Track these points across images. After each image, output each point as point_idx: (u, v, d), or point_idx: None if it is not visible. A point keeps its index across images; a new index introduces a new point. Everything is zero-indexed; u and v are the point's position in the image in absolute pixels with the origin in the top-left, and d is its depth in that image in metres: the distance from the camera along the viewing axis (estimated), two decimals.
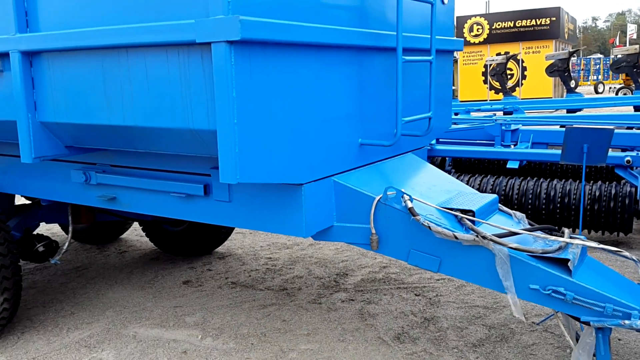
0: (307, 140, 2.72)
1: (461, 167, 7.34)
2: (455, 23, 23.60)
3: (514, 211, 3.24)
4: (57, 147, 3.10)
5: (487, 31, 22.61)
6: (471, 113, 10.66)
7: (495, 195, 3.23)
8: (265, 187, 2.86)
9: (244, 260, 5.51)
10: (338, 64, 2.86)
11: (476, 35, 22.70)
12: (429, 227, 2.77)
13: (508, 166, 6.09)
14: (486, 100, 18.52)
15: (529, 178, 5.78)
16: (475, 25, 22.61)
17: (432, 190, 3.28)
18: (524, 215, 3.23)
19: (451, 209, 2.94)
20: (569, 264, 2.64)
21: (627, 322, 2.55)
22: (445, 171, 7.06)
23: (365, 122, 3.18)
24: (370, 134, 3.21)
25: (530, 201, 5.57)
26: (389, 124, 3.22)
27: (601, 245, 2.79)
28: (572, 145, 3.39)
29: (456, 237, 2.75)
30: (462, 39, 4.27)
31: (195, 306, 4.42)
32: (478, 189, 5.82)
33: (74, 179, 3.51)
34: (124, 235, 6.67)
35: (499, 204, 3.27)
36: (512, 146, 6.70)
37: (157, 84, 2.55)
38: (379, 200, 2.91)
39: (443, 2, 3.96)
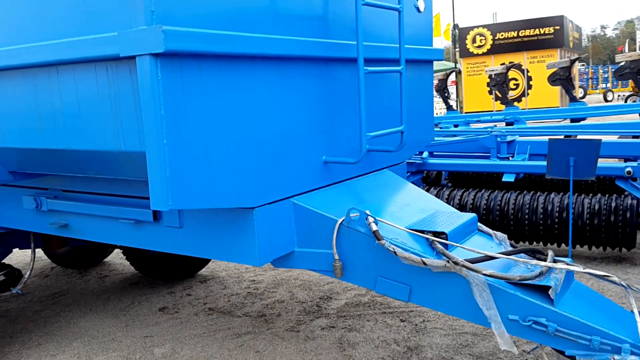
0: (259, 159, 2.48)
1: (459, 181, 7.07)
2: (457, 34, 23.46)
3: (494, 232, 2.97)
4: None
5: (490, 42, 22.35)
6: (471, 124, 10.38)
7: (474, 215, 2.97)
8: (218, 212, 2.63)
9: (225, 284, 5.26)
10: (293, 77, 2.62)
11: (479, 46, 22.44)
12: (395, 252, 2.51)
13: (503, 179, 5.82)
14: (491, 111, 18.23)
15: (525, 192, 5.50)
16: (478, 37, 22.36)
17: (404, 210, 3.03)
18: (505, 236, 2.96)
19: (422, 231, 2.69)
20: (550, 291, 2.37)
21: (616, 357, 2.27)
22: (441, 186, 6.80)
23: (331, 138, 2.94)
24: (337, 151, 2.97)
25: (527, 216, 5.29)
26: (358, 139, 2.98)
27: (587, 270, 2.51)
28: (557, 158, 3.12)
29: (425, 263, 2.49)
30: (441, 49, 4.04)
31: (167, 336, 4.17)
32: (472, 204, 5.55)
33: (26, 205, 3.30)
34: (107, 259, 6.46)
35: (479, 224, 3.01)
36: (510, 158, 6.43)
37: (87, 104, 2.33)
38: (341, 222, 2.66)
39: (419, 10, 3.74)
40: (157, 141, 2.04)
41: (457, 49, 22.95)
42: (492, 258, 2.57)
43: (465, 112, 21.71)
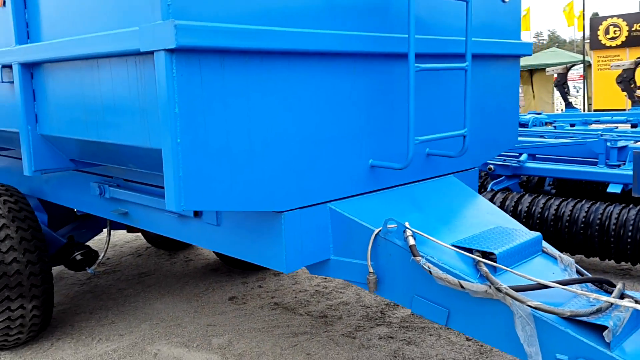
0: (289, 162, 2.36)
1: (566, 189, 6.46)
2: (588, 25, 21.56)
3: (562, 254, 2.62)
4: (60, 160, 3.03)
5: (625, 33, 20.28)
6: (590, 125, 9.48)
7: (538, 234, 2.63)
8: (250, 214, 2.55)
9: (297, 279, 5.22)
10: (332, 75, 2.46)
11: (613, 38, 20.45)
12: (430, 270, 2.28)
13: (608, 190, 5.21)
14: (624, 110, 16.57)
15: (631, 206, 4.89)
16: (611, 27, 20.37)
17: (459, 224, 2.76)
18: (572, 261, 2.60)
19: (469, 250, 2.43)
20: (606, 332, 2.02)
21: None
22: (540, 192, 6.26)
23: (381, 141, 2.75)
24: (389, 155, 2.77)
25: (630, 234, 4.69)
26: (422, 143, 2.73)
27: None
28: None
29: (462, 287, 2.24)
30: (530, 43, 3.64)
31: (228, 326, 4.20)
32: (569, 216, 5.03)
33: (92, 191, 3.44)
34: None
35: (545, 245, 2.67)
36: (620, 166, 5.76)
37: (121, 98, 2.34)
38: (377, 233, 2.48)
39: (504, 1, 3.39)
40: (171, 140, 1.99)
41: (588, 41, 21.12)
42: (546, 287, 2.25)
43: (594, 110, 19.98)
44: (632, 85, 9.72)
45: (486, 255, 2.39)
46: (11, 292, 3.61)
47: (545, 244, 2.67)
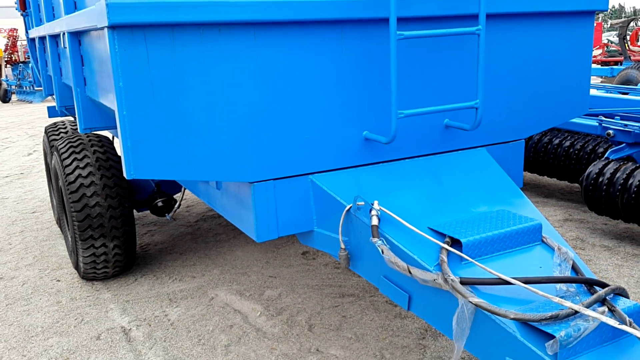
0: (257, 133, 2.37)
1: None
2: None
3: (562, 247, 2.30)
4: (106, 120, 3.35)
5: None
6: None
7: (537, 222, 2.33)
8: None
9: None
10: (306, 44, 2.38)
11: None
12: (382, 251, 2.17)
13: None
14: None
15: None
16: None
17: (456, 204, 2.55)
18: (572, 255, 2.27)
19: (442, 234, 2.25)
20: (549, 343, 1.78)
21: None
22: None
23: (377, 111, 2.61)
24: (387, 126, 2.63)
25: None
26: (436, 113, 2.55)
27: (625, 328, 1.79)
28: None
29: (410, 273, 2.10)
30: None
31: (286, 280, 4.38)
32: None
33: None
34: None
35: (545, 236, 2.35)
36: None
37: (101, 68, 2.53)
38: (348, 209, 2.40)
39: None
40: (119, 112, 2.12)
41: None
42: (507, 283, 2.02)
43: None
44: (625, 43, 9.14)
45: (455, 241, 2.20)
46: (94, 231, 4.15)
47: (547, 233, 2.36)
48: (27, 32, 6.33)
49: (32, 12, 5.48)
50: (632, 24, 15.80)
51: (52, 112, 5.89)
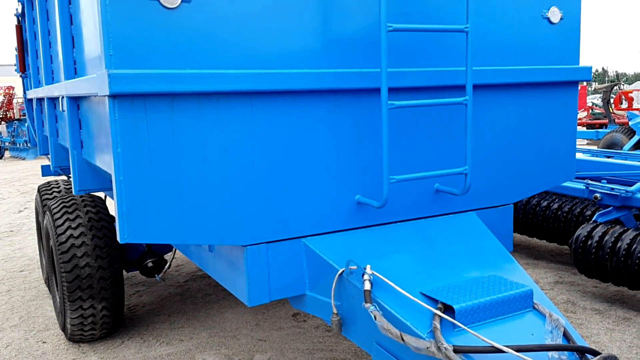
0: (251, 197, 2.41)
1: None
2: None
3: (553, 314, 2.32)
4: (101, 182, 3.38)
5: None
6: None
7: (528, 289, 2.36)
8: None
9: None
10: (301, 112, 2.46)
11: None
12: (375, 317, 2.17)
13: None
14: None
15: None
16: None
17: (448, 269, 2.57)
18: (563, 322, 2.28)
19: (435, 300, 2.27)
20: None
21: None
22: None
23: (370, 176, 2.66)
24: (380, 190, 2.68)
25: None
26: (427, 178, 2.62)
27: None
28: None
29: (403, 340, 2.10)
30: (588, 67, 3.24)
31: (276, 343, 4.32)
32: None
33: None
34: None
35: (537, 303, 2.37)
36: None
37: (99, 132, 2.59)
38: (341, 273, 2.41)
39: (551, 22, 3.08)
40: (115, 177, 2.16)
41: None
42: (500, 351, 2.03)
43: None
44: (609, 107, 9.49)
45: (447, 307, 2.21)
46: (83, 292, 4.11)
47: (538, 299, 2.38)
48: (25, 92, 6.45)
49: (31, 74, 5.61)
50: (615, 88, 16.34)
51: (45, 171, 5.92)
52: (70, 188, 5.44)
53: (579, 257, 4.87)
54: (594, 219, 5.24)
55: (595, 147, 11.62)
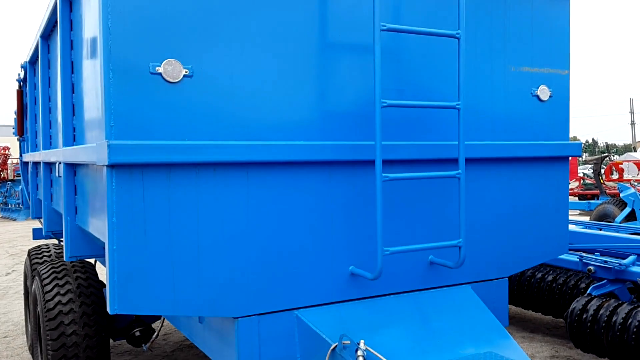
0: (244, 269, 2.39)
1: None
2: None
3: None
4: (94, 248, 3.36)
5: None
6: None
7: None
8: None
9: None
10: (296, 183, 2.49)
11: None
12: None
13: None
14: None
15: None
16: None
17: (443, 345, 2.53)
18: None
19: None
20: None
21: None
22: None
23: (363, 247, 2.66)
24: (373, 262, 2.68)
25: None
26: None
27: None
28: None
29: None
30: (578, 143, 3.32)
31: None
32: None
33: None
34: None
35: None
36: None
37: (94, 200, 2.60)
38: (334, 348, 2.37)
39: (540, 100, 3.17)
40: (109, 246, 2.15)
41: None
42: None
43: None
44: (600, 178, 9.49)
45: None
46: None
47: None
48: (21, 155, 6.50)
49: (28, 138, 5.67)
50: (605, 159, 16.64)
51: (37, 234, 5.88)
52: (61, 252, 5.38)
53: (574, 330, 4.80)
54: (588, 291, 5.20)
55: (587, 218, 11.69)
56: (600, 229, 6.64)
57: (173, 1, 2.22)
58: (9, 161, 24.47)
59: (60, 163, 3.37)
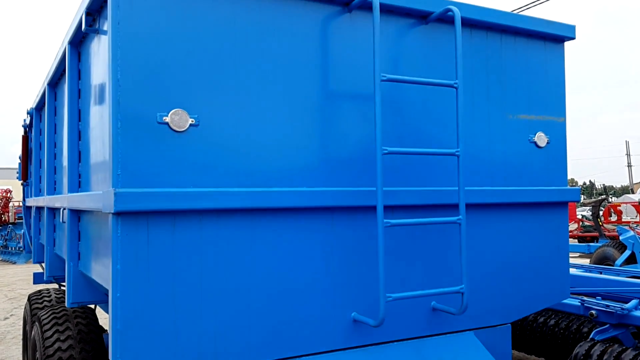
0: (249, 314, 2.40)
1: None
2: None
3: None
4: (96, 294, 3.36)
5: None
6: None
7: None
8: None
9: None
10: (302, 229, 2.52)
11: None
12: None
13: None
14: None
15: None
16: None
17: None
18: None
19: None
20: None
21: None
22: None
23: (366, 293, 2.67)
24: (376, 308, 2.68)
25: None
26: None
27: None
28: None
29: None
30: (577, 189, 3.36)
31: None
32: None
33: None
34: None
35: None
36: None
37: (98, 245, 2.62)
38: None
39: (538, 146, 3.23)
40: (112, 293, 2.17)
41: None
42: None
43: None
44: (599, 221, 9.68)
45: None
46: None
47: None
48: (24, 199, 6.53)
49: (32, 182, 5.72)
50: (603, 202, 16.66)
51: (38, 278, 5.86)
52: (62, 297, 5.36)
53: None
54: (591, 336, 5.15)
55: (587, 261, 11.64)
56: (601, 273, 6.62)
57: (180, 54, 2.30)
58: (10, 204, 24.48)
59: (64, 209, 3.40)
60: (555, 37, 3.30)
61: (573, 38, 3.34)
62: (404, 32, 2.83)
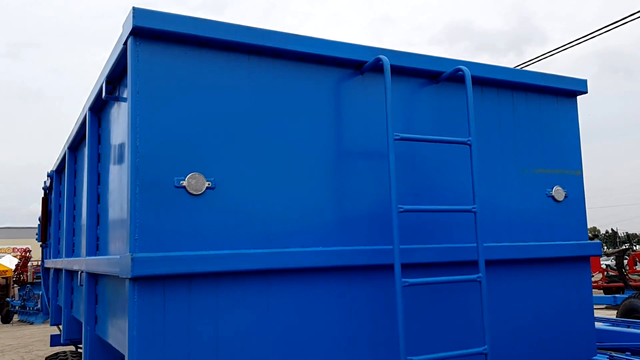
0: None
1: None
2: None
3: None
4: (113, 359, 3.32)
5: None
6: None
7: None
8: None
9: None
10: (318, 289, 2.50)
11: None
12: None
13: None
14: None
15: None
16: None
17: None
18: None
19: None
20: None
21: None
22: None
23: (383, 353, 2.61)
24: None
25: None
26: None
27: None
28: None
29: None
30: (598, 242, 3.30)
31: None
32: None
33: None
34: None
35: None
36: None
37: (114, 309, 2.61)
38: None
39: (555, 200, 3.21)
40: (129, 358, 2.14)
41: None
42: None
43: None
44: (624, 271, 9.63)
45: None
46: None
47: None
48: (43, 261, 6.57)
49: (51, 244, 5.76)
50: (628, 251, 16.32)
51: (55, 340, 5.82)
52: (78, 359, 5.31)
53: None
54: None
55: (614, 313, 11.30)
56: (629, 326, 6.41)
57: (197, 119, 2.36)
58: (29, 263, 24.58)
59: (82, 272, 3.42)
60: (567, 91, 3.33)
61: (585, 92, 3.36)
62: (416, 91, 2.87)
